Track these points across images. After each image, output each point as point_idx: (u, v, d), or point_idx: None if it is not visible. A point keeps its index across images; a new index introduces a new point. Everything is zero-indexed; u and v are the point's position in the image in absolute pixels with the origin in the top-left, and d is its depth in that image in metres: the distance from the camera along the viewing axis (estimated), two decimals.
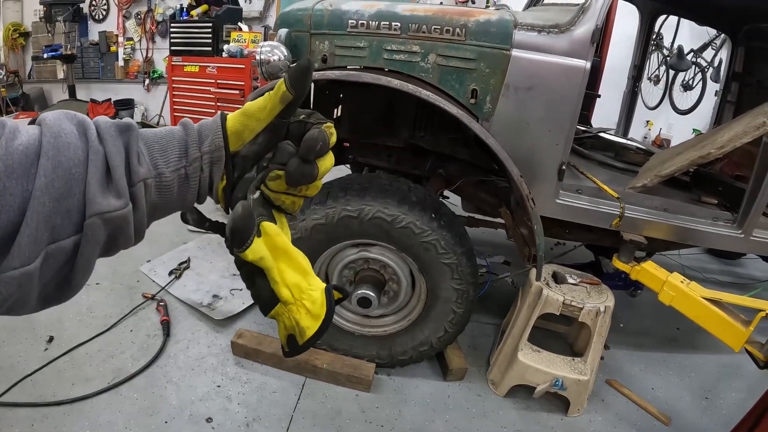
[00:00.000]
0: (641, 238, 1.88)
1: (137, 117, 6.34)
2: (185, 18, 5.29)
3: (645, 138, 5.43)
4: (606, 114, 3.85)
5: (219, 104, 4.85)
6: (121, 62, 6.48)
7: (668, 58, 5.21)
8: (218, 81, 4.82)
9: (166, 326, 2.18)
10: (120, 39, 6.43)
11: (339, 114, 2.13)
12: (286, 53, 1.73)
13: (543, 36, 1.66)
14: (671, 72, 5.22)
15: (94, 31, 6.52)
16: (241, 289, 2.50)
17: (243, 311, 2.35)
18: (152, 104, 6.49)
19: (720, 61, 4.76)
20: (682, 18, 3.76)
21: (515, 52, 1.66)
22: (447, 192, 2.32)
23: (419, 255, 1.77)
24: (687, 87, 5.14)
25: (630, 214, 1.88)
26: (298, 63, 0.44)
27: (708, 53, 4.98)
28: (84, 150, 0.36)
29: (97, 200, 0.35)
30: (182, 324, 2.25)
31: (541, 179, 1.78)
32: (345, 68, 1.75)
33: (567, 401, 1.91)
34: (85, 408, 1.73)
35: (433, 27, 1.69)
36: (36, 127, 0.36)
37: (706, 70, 4.94)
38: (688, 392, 2.14)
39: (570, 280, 2.00)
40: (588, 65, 1.64)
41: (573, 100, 1.67)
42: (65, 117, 0.37)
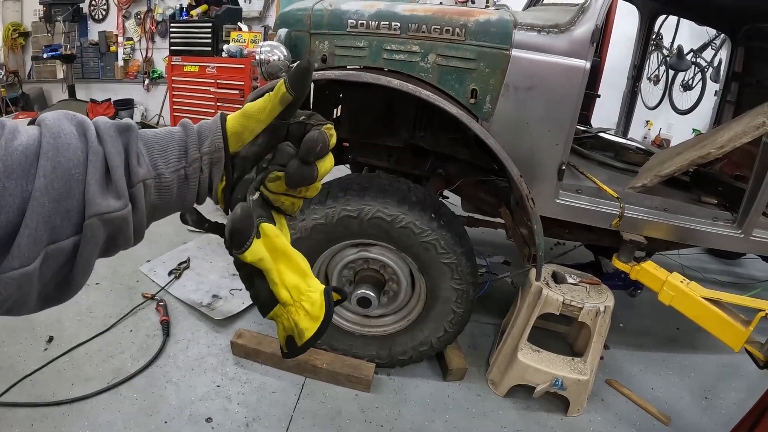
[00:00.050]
0: (641, 238, 1.89)
1: (137, 117, 6.34)
2: (185, 18, 5.28)
3: (645, 138, 5.43)
4: (606, 114, 3.85)
5: (219, 104, 4.85)
6: (121, 62, 6.49)
7: (668, 58, 5.21)
8: (218, 81, 4.82)
9: (166, 326, 2.18)
10: (120, 39, 6.44)
11: (339, 114, 2.12)
12: (286, 53, 1.73)
13: (543, 36, 1.66)
14: (671, 72, 5.22)
15: (94, 31, 6.52)
16: (241, 289, 2.49)
17: (243, 311, 2.35)
18: (152, 104, 6.48)
19: (720, 61, 4.75)
20: (682, 18, 3.76)
21: (515, 52, 1.66)
22: (447, 192, 2.31)
23: (419, 255, 1.77)
24: (687, 87, 5.14)
25: (630, 214, 1.88)
26: (298, 64, 0.44)
27: (708, 53, 4.98)
28: (83, 151, 0.36)
29: (97, 201, 0.35)
30: (182, 324, 2.25)
31: (541, 179, 1.78)
32: (345, 68, 1.75)
33: (567, 401, 1.91)
34: (85, 408, 1.73)
35: (433, 27, 1.69)
36: (35, 128, 0.36)
37: (706, 70, 4.93)
38: (688, 392, 2.14)
39: (570, 280, 2.00)
40: (588, 65, 1.64)
41: (573, 100, 1.67)
42: (65, 117, 0.37)
